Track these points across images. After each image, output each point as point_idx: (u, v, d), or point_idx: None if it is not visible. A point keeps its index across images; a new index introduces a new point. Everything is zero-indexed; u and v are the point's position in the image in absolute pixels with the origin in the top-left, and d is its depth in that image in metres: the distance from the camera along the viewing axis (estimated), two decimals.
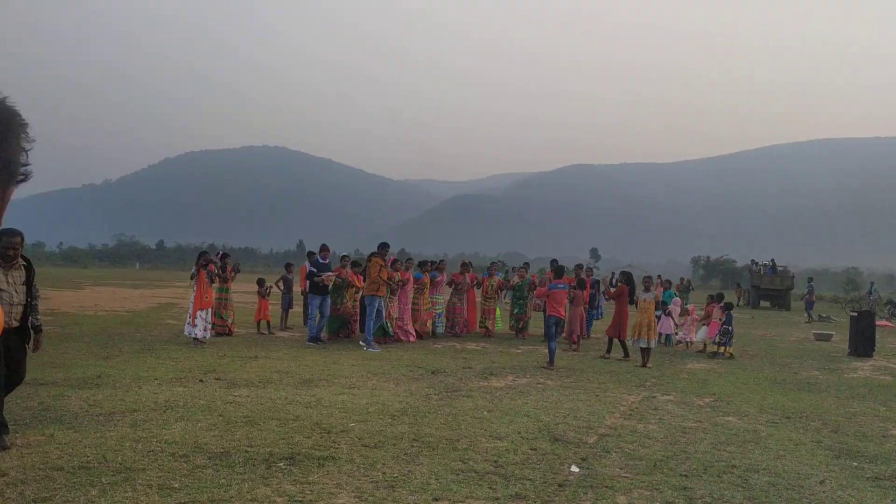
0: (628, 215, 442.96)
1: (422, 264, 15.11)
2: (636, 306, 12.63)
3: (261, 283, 15.66)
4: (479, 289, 16.34)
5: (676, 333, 15.43)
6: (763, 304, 38.97)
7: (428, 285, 14.79)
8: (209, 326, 12.92)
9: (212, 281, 13.05)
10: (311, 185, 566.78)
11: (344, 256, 14.92)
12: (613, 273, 14.74)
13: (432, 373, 10.32)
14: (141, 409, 7.08)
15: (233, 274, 14.73)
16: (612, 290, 14.00)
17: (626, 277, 13.35)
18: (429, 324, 14.88)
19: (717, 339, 13.90)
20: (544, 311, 15.46)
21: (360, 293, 14.18)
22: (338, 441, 6.14)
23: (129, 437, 5.97)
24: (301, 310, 16.04)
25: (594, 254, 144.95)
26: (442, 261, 15.93)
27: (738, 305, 39.67)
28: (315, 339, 13.56)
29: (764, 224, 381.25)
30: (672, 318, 14.92)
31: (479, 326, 16.11)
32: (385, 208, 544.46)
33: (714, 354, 13.64)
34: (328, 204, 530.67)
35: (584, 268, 17.35)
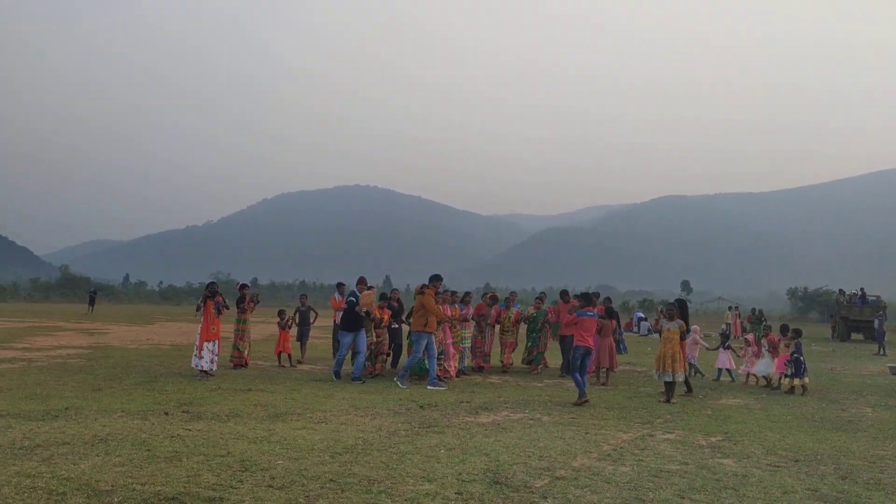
0: (724, 247, 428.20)
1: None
2: (660, 336, 11.64)
3: (281, 314, 15.38)
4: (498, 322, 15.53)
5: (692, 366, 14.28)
6: (856, 336, 36.39)
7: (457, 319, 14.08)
8: (216, 358, 12.68)
9: (219, 312, 12.82)
10: (401, 223, 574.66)
11: (369, 288, 14.27)
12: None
13: (421, 407, 9.66)
14: (72, 443, 6.74)
15: (251, 305, 14.52)
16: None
17: (681, 306, 12.36)
18: (456, 359, 14.09)
19: (787, 372, 12.71)
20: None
21: (383, 328, 13.59)
22: (245, 480, 5.60)
23: (26, 473, 5.60)
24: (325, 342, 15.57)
25: (685, 286, 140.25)
26: (468, 293, 15.02)
27: (831, 338, 37.23)
28: (357, 378, 12.38)
29: (872, 254, 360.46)
30: (697, 347, 13.83)
31: (501, 360, 15.21)
32: (474, 244, 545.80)
33: (792, 390, 12.45)
34: (418, 240, 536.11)
35: (602, 297, 16.26)
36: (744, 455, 7.23)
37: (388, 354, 14.17)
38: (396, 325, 13.91)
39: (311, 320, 16.10)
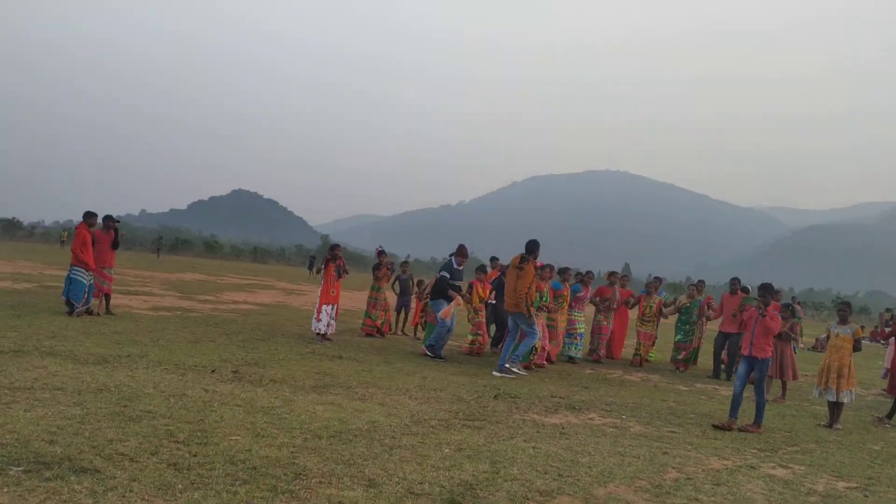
0: None
1: (561, 272, 12.55)
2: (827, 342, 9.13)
3: (419, 284, 14.59)
4: (631, 308, 13.44)
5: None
6: None
7: (567, 299, 12.31)
8: (333, 322, 12.21)
9: (339, 276, 12.32)
10: (649, 209, 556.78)
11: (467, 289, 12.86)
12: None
13: (495, 397, 8.33)
14: (67, 389, 6.35)
15: (388, 272, 13.95)
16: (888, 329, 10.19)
17: None
18: (557, 345, 12.38)
19: None
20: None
21: (483, 303, 12.30)
22: (161, 453, 4.76)
23: None
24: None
25: None
26: (588, 272, 13.21)
27: None
28: (436, 352, 11.32)
29: None
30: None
31: (634, 355, 13.25)
32: (728, 237, 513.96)
33: None
34: (664, 229, 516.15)
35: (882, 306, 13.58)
36: None
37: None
38: (495, 302, 12.48)
39: (413, 290, 15.08)
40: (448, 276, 11.62)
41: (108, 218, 13.06)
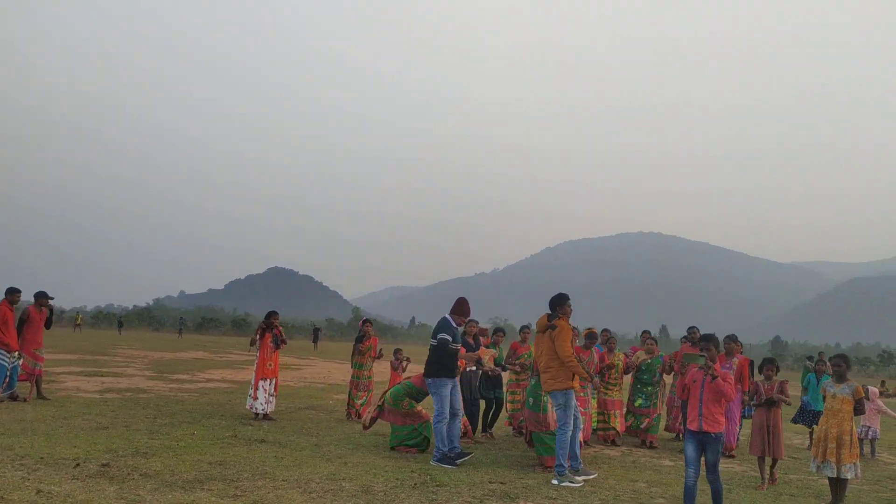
0: None
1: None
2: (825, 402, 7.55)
3: (396, 353, 13.22)
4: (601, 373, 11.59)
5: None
6: None
7: None
8: (273, 399, 10.96)
9: (276, 346, 11.11)
10: (684, 270, 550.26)
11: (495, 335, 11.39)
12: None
13: (415, 486, 6.90)
14: None
15: (379, 349, 12.56)
16: None
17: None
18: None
19: None
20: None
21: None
22: None
23: None
24: None
25: None
26: (589, 330, 10.77)
27: None
28: (447, 457, 8.32)
29: None
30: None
31: (607, 429, 11.03)
32: (769, 294, 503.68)
33: None
34: (702, 289, 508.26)
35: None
36: None
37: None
38: (472, 370, 10.91)
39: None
40: (450, 338, 8.83)
41: (41, 295, 12.09)
